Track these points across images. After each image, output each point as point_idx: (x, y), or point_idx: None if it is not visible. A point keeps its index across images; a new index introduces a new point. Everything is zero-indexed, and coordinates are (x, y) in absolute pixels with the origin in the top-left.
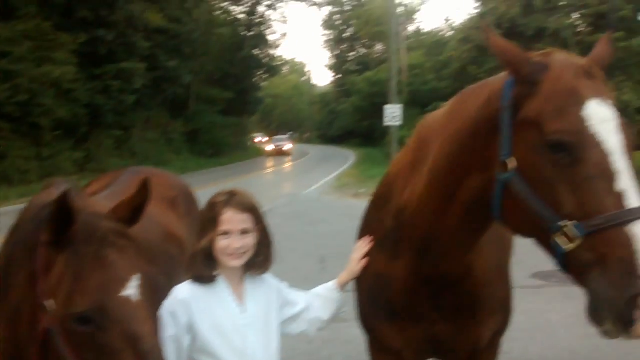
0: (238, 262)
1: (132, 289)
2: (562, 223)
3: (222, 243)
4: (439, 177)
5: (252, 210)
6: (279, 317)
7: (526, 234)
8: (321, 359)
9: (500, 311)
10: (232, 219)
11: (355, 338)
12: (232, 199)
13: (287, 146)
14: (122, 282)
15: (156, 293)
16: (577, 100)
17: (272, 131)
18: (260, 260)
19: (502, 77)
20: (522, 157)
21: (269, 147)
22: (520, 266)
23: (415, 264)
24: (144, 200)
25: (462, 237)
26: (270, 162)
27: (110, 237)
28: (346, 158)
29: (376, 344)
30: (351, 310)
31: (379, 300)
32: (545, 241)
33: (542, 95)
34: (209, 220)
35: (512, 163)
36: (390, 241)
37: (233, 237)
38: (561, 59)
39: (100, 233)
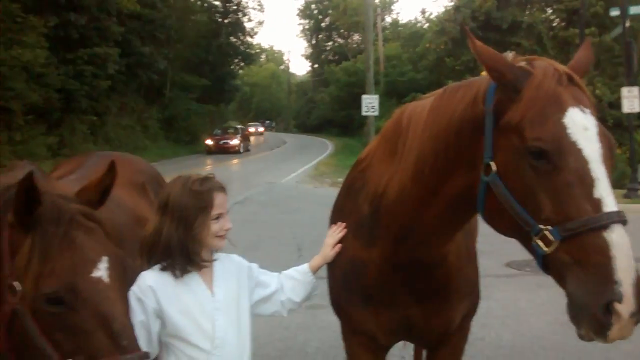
0: (224, 243)
1: (102, 270)
2: (541, 226)
3: (214, 227)
4: (424, 172)
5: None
6: (250, 298)
7: (508, 234)
8: (297, 345)
9: (470, 294)
10: (222, 202)
11: (331, 324)
12: (215, 183)
13: (234, 141)
14: (92, 263)
15: (126, 275)
16: (558, 108)
17: (250, 120)
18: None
19: (488, 78)
20: (503, 161)
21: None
22: (494, 255)
23: (391, 250)
24: (111, 183)
25: (443, 227)
26: (247, 151)
27: (78, 219)
28: (324, 147)
29: (350, 328)
30: (326, 296)
31: (353, 284)
32: (526, 243)
33: (524, 101)
34: (198, 209)
35: (494, 166)
36: (366, 228)
37: (224, 219)
38: (543, 66)
39: (68, 215)
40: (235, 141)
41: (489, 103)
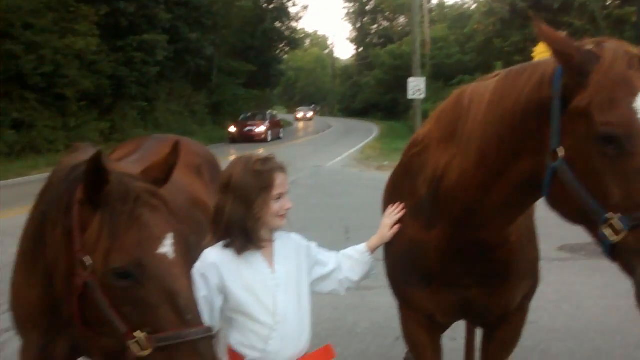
0: (284, 222)
1: (167, 247)
2: (608, 215)
3: (275, 206)
4: (487, 157)
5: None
6: (309, 276)
7: (574, 221)
8: (346, 325)
9: (530, 275)
10: (283, 182)
11: (380, 305)
12: (276, 164)
13: (260, 129)
14: (158, 240)
15: (189, 251)
16: (629, 92)
17: (295, 104)
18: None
19: (554, 61)
20: (570, 147)
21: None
22: (547, 239)
23: (451, 232)
24: (175, 162)
25: (505, 211)
26: (292, 135)
27: (144, 197)
28: (369, 131)
29: (407, 307)
30: (376, 277)
31: (412, 265)
32: (593, 231)
33: (592, 85)
34: (260, 188)
35: (561, 152)
36: (425, 209)
37: (284, 199)
38: (613, 49)
39: (135, 192)
40: (261, 128)
41: (555, 87)
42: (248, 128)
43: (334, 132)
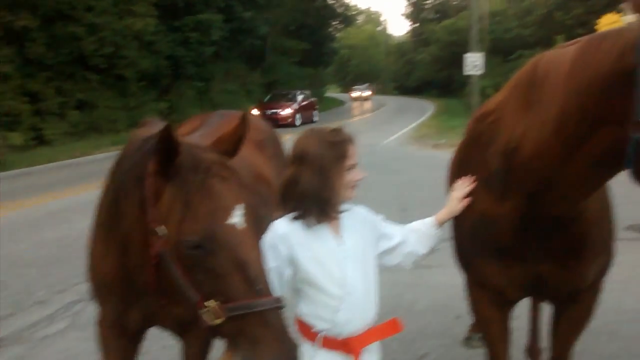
0: (355, 193)
1: (237, 217)
2: None
3: (347, 177)
4: (567, 128)
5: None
6: (375, 249)
7: None
8: (405, 302)
9: (605, 251)
10: (354, 153)
11: (440, 284)
12: (347, 134)
13: (286, 111)
14: (228, 211)
15: (258, 223)
16: None
17: (348, 83)
18: None
19: (637, 28)
20: None
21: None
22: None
23: (525, 205)
24: (244, 134)
25: (584, 184)
26: (346, 114)
27: (214, 168)
28: (424, 109)
29: (476, 281)
30: (434, 257)
31: (483, 239)
32: None
33: None
34: (335, 158)
35: None
36: (497, 182)
37: (355, 170)
38: None
39: (205, 163)
40: (287, 111)
41: (639, 56)
42: (273, 111)
43: (388, 111)
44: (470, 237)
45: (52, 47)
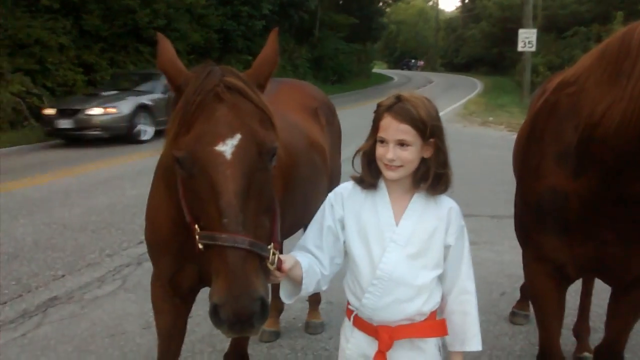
0: (393, 175)
1: (227, 146)
2: None
3: (379, 150)
4: None
5: (414, 121)
6: (441, 248)
7: None
8: None
9: None
10: (389, 127)
11: (485, 260)
12: (395, 104)
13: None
14: (220, 137)
15: (259, 158)
16: None
17: (395, 59)
18: (427, 179)
19: None
20: None
21: None
22: None
23: (601, 183)
24: (276, 59)
25: None
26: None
27: (220, 91)
28: (473, 86)
29: (536, 256)
30: (482, 233)
31: (550, 213)
32: None
33: None
34: (373, 121)
35: None
36: (572, 157)
37: (389, 147)
38: None
39: (211, 84)
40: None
41: None
42: None
43: (435, 87)
44: (535, 210)
45: (107, 19)
